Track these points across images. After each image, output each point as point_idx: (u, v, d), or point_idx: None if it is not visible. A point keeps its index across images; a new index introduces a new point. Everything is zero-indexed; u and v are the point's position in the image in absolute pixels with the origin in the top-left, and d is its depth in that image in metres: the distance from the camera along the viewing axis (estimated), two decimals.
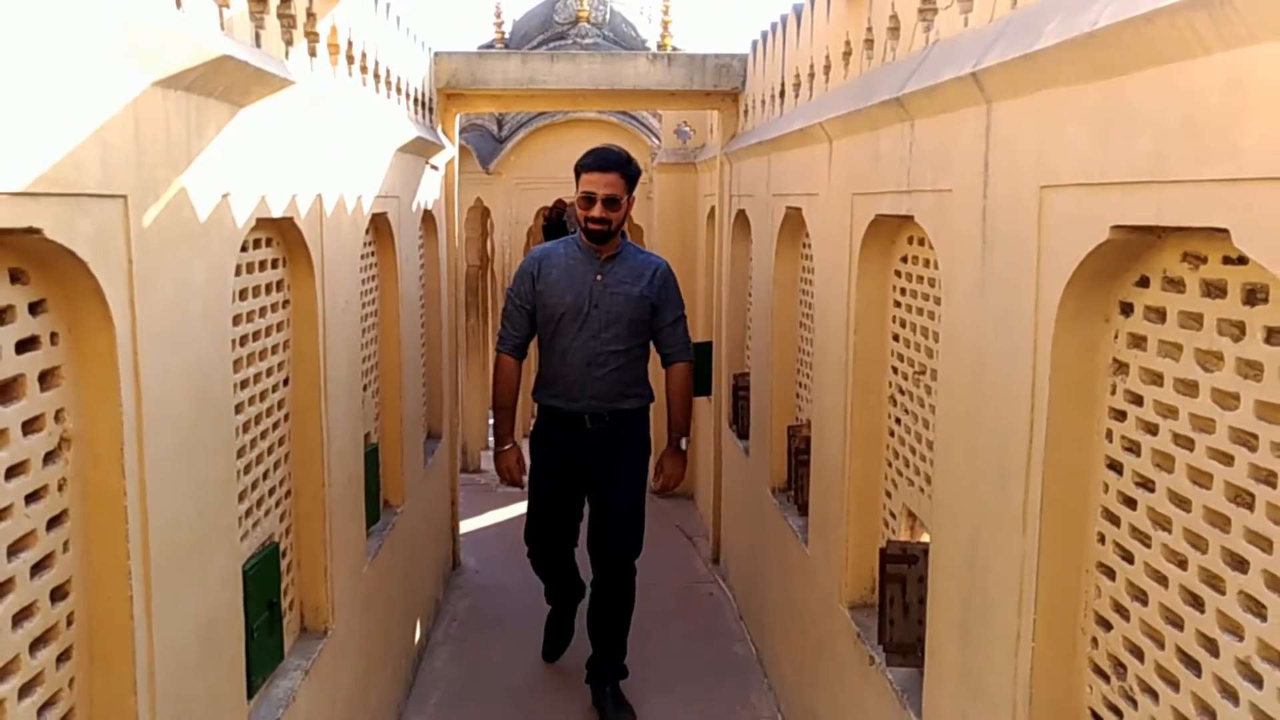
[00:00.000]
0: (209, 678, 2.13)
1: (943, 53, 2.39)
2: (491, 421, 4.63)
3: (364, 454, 3.71)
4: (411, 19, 4.75)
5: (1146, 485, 1.72)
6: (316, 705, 2.98)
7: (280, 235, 2.79)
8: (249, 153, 2.35)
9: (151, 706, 1.83)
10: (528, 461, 4.35)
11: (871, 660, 2.97)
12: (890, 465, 3.15)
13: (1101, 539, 1.86)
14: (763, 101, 4.97)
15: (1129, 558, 1.77)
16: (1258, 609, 1.43)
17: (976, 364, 2.22)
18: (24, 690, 1.54)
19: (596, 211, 3.98)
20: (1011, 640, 2.03)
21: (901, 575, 2.77)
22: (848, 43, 3.34)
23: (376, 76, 3.88)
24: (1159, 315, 1.68)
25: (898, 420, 3.08)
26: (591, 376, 4.06)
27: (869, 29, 3.09)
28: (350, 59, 3.42)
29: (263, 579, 2.64)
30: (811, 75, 3.88)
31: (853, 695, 3.21)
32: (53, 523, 1.62)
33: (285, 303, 2.89)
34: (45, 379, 1.60)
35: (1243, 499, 1.46)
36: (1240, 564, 1.47)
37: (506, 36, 8.56)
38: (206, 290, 2.11)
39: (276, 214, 2.58)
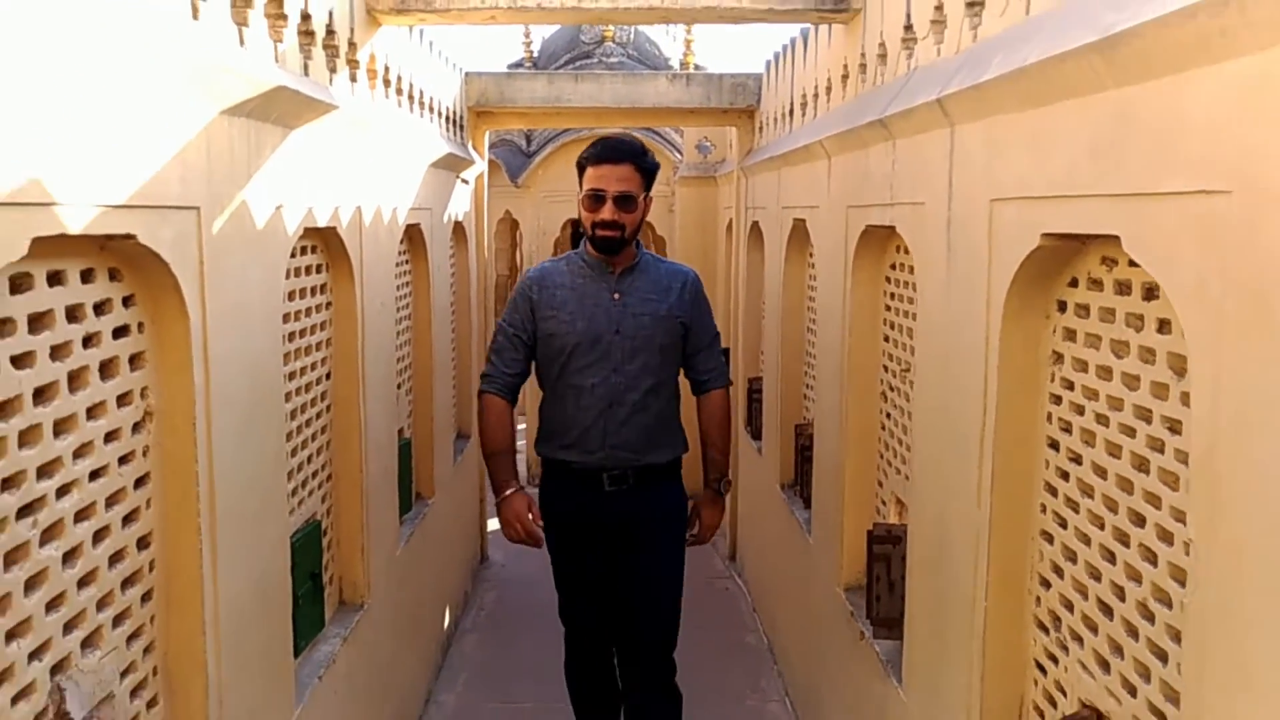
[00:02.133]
0: (262, 632, 2.43)
1: (919, 79, 2.66)
2: (486, 470, 3.55)
3: (398, 447, 4.01)
4: (444, 40, 5.07)
5: (1076, 459, 1.97)
6: (354, 670, 3.27)
7: (324, 243, 3.10)
8: (298, 169, 2.65)
9: (217, 649, 2.12)
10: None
11: (862, 635, 3.23)
12: (881, 457, 3.41)
13: (1044, 509, 2.12)
14: (775, 119, 5.24)
15: (1064, 524, 2.02)
16: (1152, 558, 1.68)
17: (944, 359, 2.48)
18: (117, 620, 1.84)
19: (606, 213, 3.09)
20: (969, 603, 2.28)
21: (887, 555, 3.02)
22: (845, 67, 3.61)
23: (411, 98, 4.19)
24: (1085, 311, 1.94)
25: (888, 415, 3.34)
26: (614, 421, 3.15)
27: (863, 55, 3.35)
28: (387, 83, 3.73)
29: (307, 552, 2.94)
30: (815, 95, 4.16)
31: (846, 669, 3.46)
32: (138, 483, 1.92)
33: (328, 304, 3.19)
34: (133, 361, 1.90)
35: (1143, 466, 1.72)
36: (1140, 520, 1.72)
37: (535, 55, 8.89)
38: (262, 290, 2.42)
39: (321, 224, 2.89)
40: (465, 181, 5.77)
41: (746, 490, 6.16)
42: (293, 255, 2.73)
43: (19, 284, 1.53)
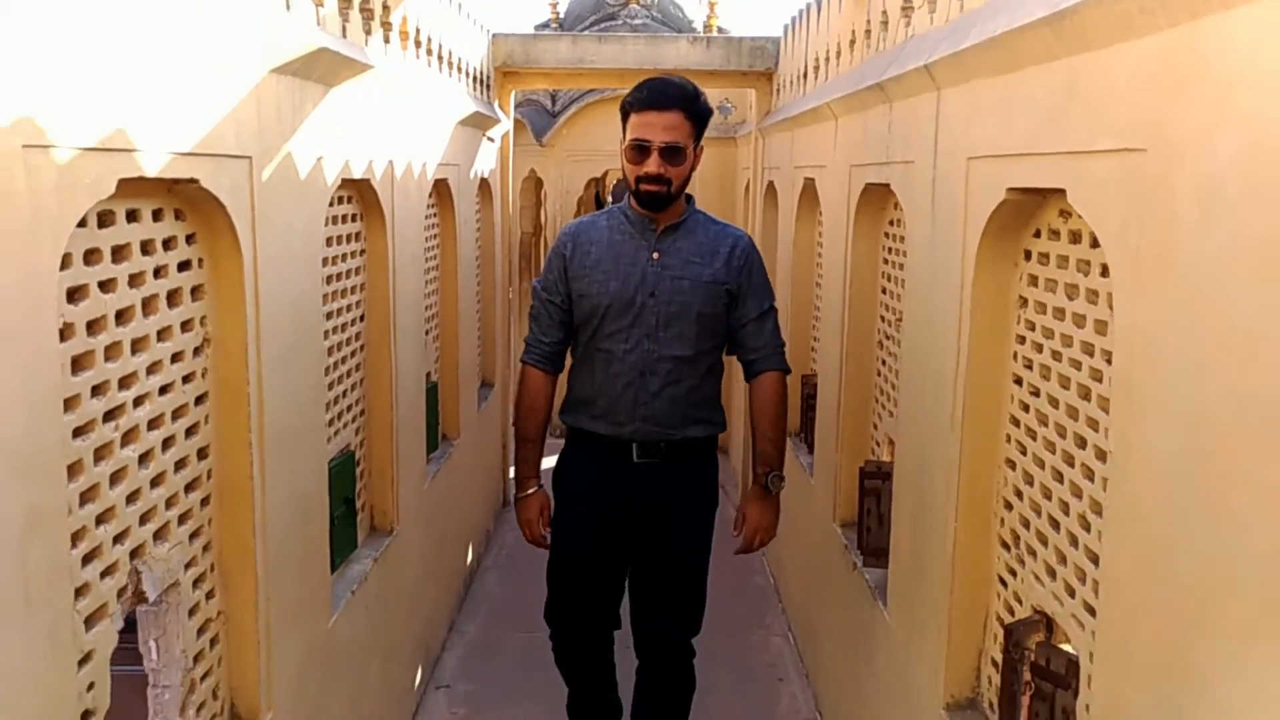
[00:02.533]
0: (303, 543, 2.69)
1: (913, 47, 2.85)
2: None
3: (425, 389, 4.26)
4: (473, 2, 5.27)
5: (1035, 393, 2.19)
6: (384, 590, 3.55)
7: (359, 194, 3.33)
8: (337, 125, 2.88)
9: (265, 553, 2.38)
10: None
11: (854, 566, 3.47)
12: (877, 400, 3.63)
13: (1008, 439, 2.34)
14: (790, 82, 5.42)
15: (1024, 451, 2.25)
16: (1090, 474, 1.90)
17: (927, 306, 2.69)
18: (181, 519, 2.10)
19: (652, 166, 2.77)
20: (943, 526, 2.51)
21: (877, 490, 3.26)
22: (853, 32, 3.79)
23: (440, 58, 4.41)
24: (1046, 259, 2.15)
25: (883, 362, 3.56)
26: (646, 391, 2.88)
27: (868, 21, 3.54)
28: (418, 44, 3.95)
29: (342, 478, 3.20)
30: (827, 60, 4.33)
31: (840, 597, 3.71)
32: (198, 400, 2.18)
33: (362, 251, 3.43)
34: (194, 292, 2.15)
35: (1086, 394, 1.93)
36: (1082, 443, 1.94)
37: (561, 16, 9.05)
38: (305, 234, 2.66)
39: (357, 175, 3.12)
40: (491, 140, 5.98)
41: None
42: (331, 204, 2.97)
43: (104, 219, 1.77)
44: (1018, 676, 2.15)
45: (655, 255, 2.90)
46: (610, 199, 9.91)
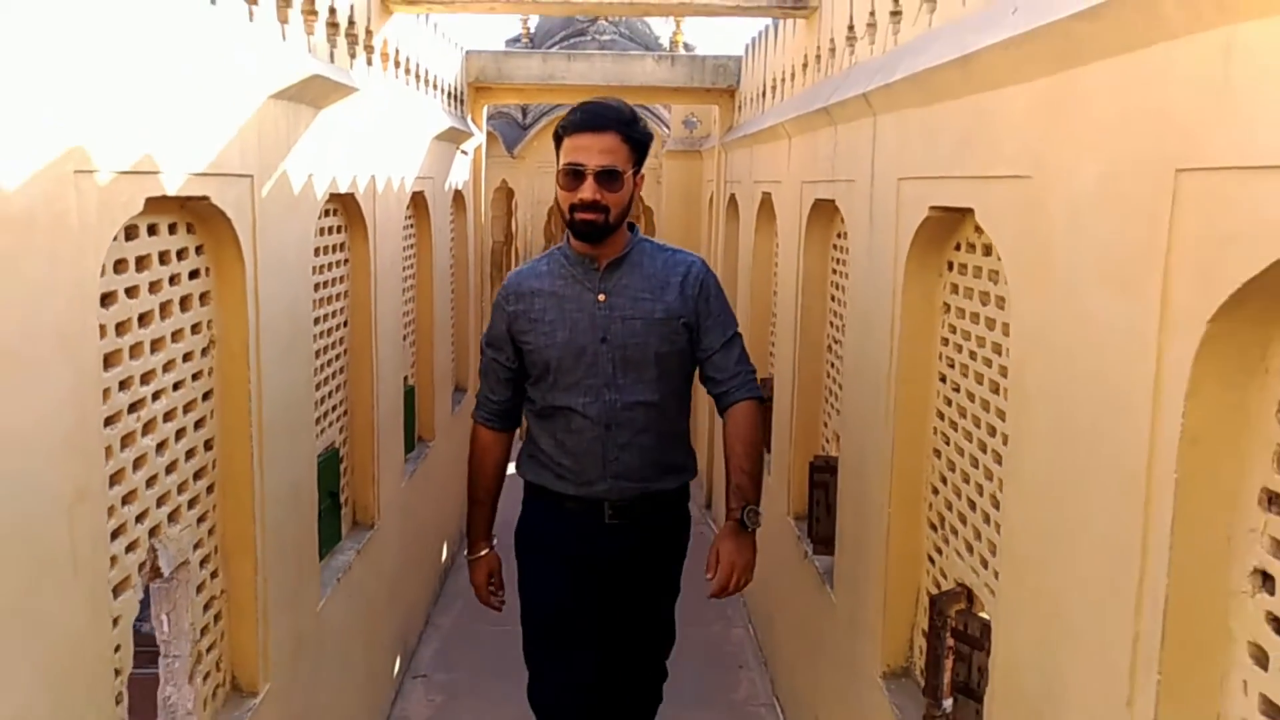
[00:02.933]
0: (295, 530, 2.92)
1: (855, 75, 3.13)
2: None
3: (404, 392, 4.49)
4: (447, 17, 5.50)
5: (956, 389, 2.46)
6: (366, 580, 3.77)
7: (344, 207, 3.57)
8: (325, 143, 3.11)
9: (263, 537, 2.61)
10: (509, 574, 2.95)
11: (805, 554, 3.74)
12: (825, 400, 3.91)
13: (934, 430, 2.61)
14: (751, 99, 5.70)
15: (947, 441, 2.52)
16: (998, 459, 2.17)
17: (865, 312, 2.97)
18: (190, 504, 2.33)
19: (587, 192, 2.56)
20: (879, 512, 2.78)
21: (825, 482, 3.52)
22: (805, 57, 4.07)
23: (417, 77, 4.65)
24: (964, 269, 2.42)
25: (832, 364, 3.83)
26: (614, 445, 2.67)
27: (819, 48, 3.82)
28: (397, 64, 4.19)
29: (327, 473, 3.43)
30: (783, 81, 4.62)
31: (794, 585, 3.97)
32: (205, 395, 2.40)
33: (346, 261, 3.67)
34: (203, 298, 2.37)
35: (995, 388, 2.21)
36: (992, 431, 2.22)
37: (532, 32, 9.31)
38: (298, 245, 2.89)
39: (343, 190, 3.36)
40: (465, 152, 6.22)
41: (720, 447, 6.66)
42: (320, 217, 3.20)
43: (130, 233, 2.00)
44: (941, 642, 2.41)
45: (601, 297, 2.67)
46: None
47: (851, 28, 3.30)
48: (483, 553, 2.96)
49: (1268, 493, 1.28)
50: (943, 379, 2.56)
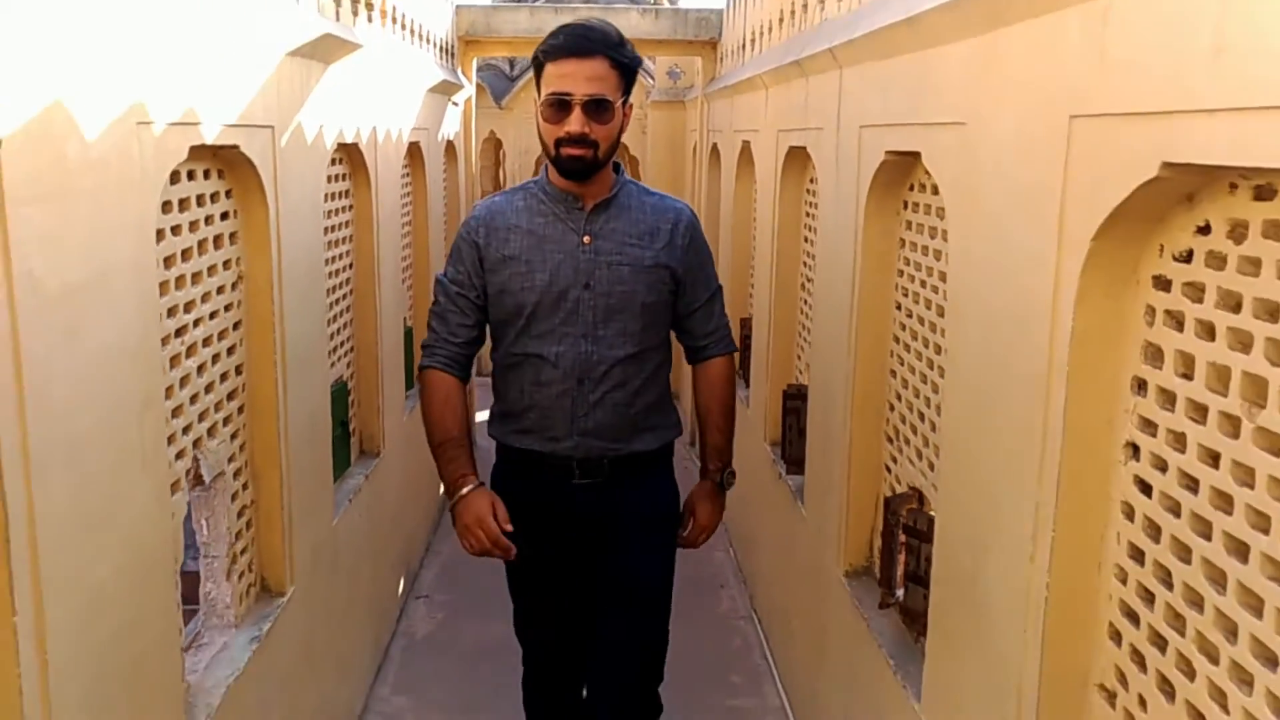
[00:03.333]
0: (312, 451, 3.20)
1: (824, 30, 3.38)
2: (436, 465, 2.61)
3: (403, 331, 4.76)
4: None
5: (910, 315, 2.75)
6: (372, 504, 4.07)
7: (349, 156, 3.81)
8: (332, 97, 3.35)
9: (287, 454, 2.89)
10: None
11: (779, 475, 4.05)
12: (799, 336, 4.20)
13: (891, 353, 2.91)
14: (732, 51, 5.93)
15: (901, 361, 2.82)
16: (941, 372, 2.47)
17: (831, 249, 3.25)
18: (225, 421, 2.61)
19: (575, 124, 2.35)
20: (841, 429, 3.08)
21: (797, 408, 3.83)
22: (781, 12, 4.30)
23: (412, 32, 4.86)
24: (917, 208, 2.70)
25: (805, 301, 4.12)
26: (585, 401, 2.47)
27: (793, 3, 4.05)
28: (394, 20, 4.41)
29: (338, 403, 3.71)
30: (761, 34, 4.85)
31: (769, 504, 4.30)
32: (235, 326, 2.68)
33: (350, 208, 3.92)
34: (232, 238, 2.64)
35: (941, 312, 2.50)
36: (938, 350, 2.51)
37: None
38: (312, 191, 3.14)
39: (348, 140, 3.60)
40: (455, 104, 6.44)
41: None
42: (329, 165, 3.45)
43: (174, 178, 2.26)
44: (895, 539, 2.73)
45: (587, 239, 2.46)
46: None
47: None
48: (469, 489, 2.49)
49: (1137, 380, 1.57)
50: (898, 307, 2.85)
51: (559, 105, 2.37)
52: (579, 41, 2.38)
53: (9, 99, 1.46)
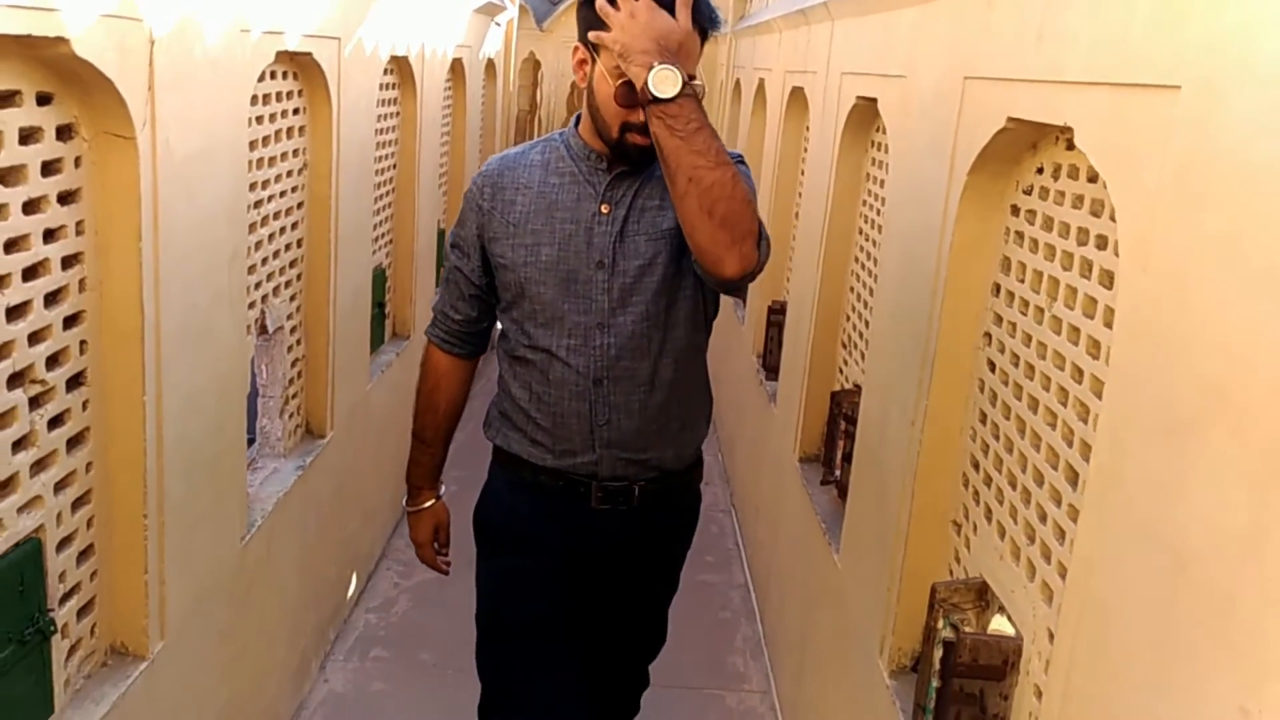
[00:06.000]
0: (355, 322, 3.74)
1: None
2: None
3: (436, 232, 5.27)
4: None
5: (867, 238, 3.23)
6: (400, 379, 4.62)
7: (399, 68, 4.29)
8: (388, 14, 3.82)
9: (335, 317, 3.43)
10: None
11: (760, 381, 4.57)
12: (786, 257, 4.68)
13: (851, 272, 3.39)
14: None
15: (858, 279, 3.30)
16: (871, 298, 2.96)
17: (813, 183, 3.72)
18: (286, 284, 3.13)
19: None
20: (806, 340, 3.58)
21: (779, 322, 4.33)
22: None
23: None
24: (878, 146, 3.16)
25: (793, 226, 4.59)
26: (604, 404, 2.06)
27: None
28: None
29: (377, 286, 4.24)
30: None
31: (750, 406, 4.83)
32: (299, 205, 3.19)
33: (397, 114, 4.40)
34: (301, 130, 3.13)
35: (877, 228, 2.98)
36: (873, 275, 3.00)
37: None
38: (367, 96, 3.64)
39: (399, 54, 4.08)
40: (498, 24, 6.86)
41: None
42: (381, 75, 3.93)
43: (261, 76, 2.75)
44: (836, 427, 3.24)
45: (605, 208, 2.02)
46: None
47: None
48: (427, 503, 2.39)
49: (995, 284, 2.06)
50: (860, 232, 3.33)
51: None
52: (668, 5, 1.84)
53: (161, 8, 1.95)
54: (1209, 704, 1.09)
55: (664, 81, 1.77)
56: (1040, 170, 1.90)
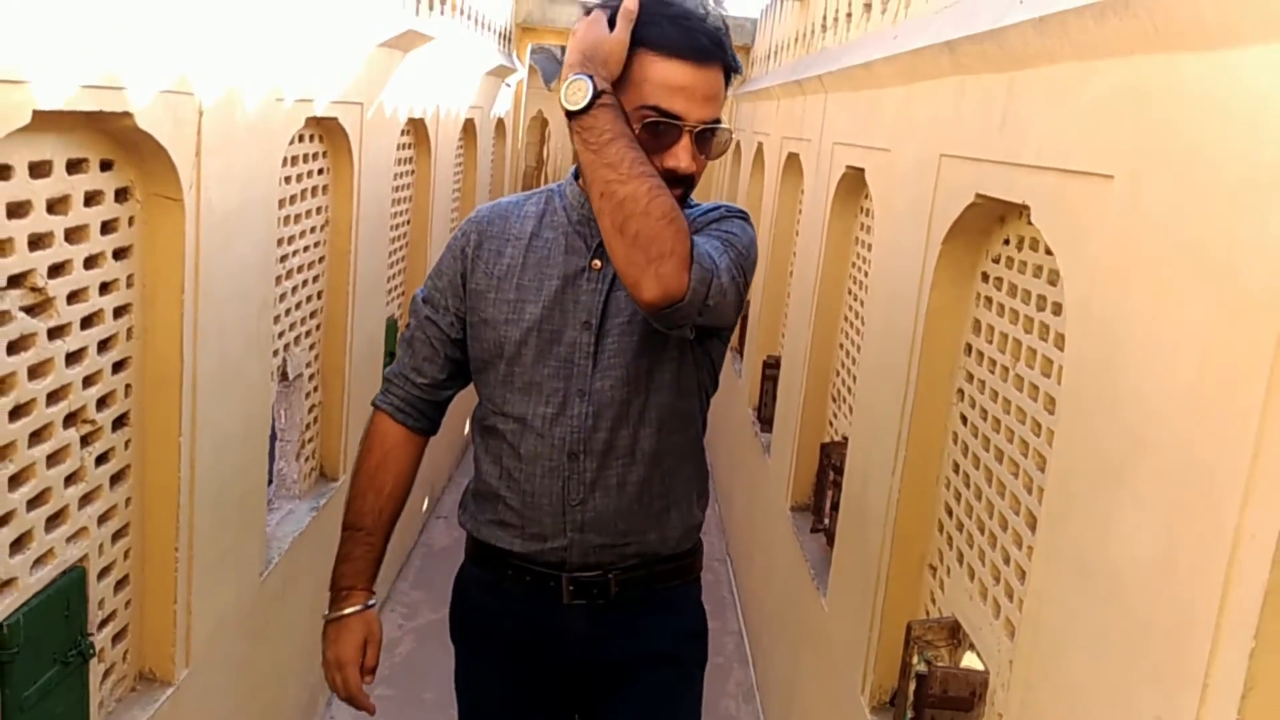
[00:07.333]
0: (369, 369, 3.91)
1: (818, 58, 4.03)
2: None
3: None
4: None
5: (855, 298, 3.42)
6: None
7: (415, 129, 4.51)
8: (406, 80, 4.05)
9: (351, 366, 3.60)
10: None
11: (756, 433, 4.73)
12: (782, 315, 4.87)
13: (841, 330, 3.58)
14: (760, 59, 6.58)
15: (846, 336, 3.48)
16: (858, 354, 3.14)
17: (807, 243, 3.91)
18: (307, 334, 3.31)
19: (684, 160, 1.65)
20: (799, 395, 3.75)
21: (774, 376, 4.50)
22: (796, 33, 4.95)
23: (476, 21, 5.55)
24: (866, 212, 3.36)
25: (790, 272, 4.78)
26: (580, 483, 1.79)
27: (809, 26, 4.70)
28: (462, 12, 5.10)
29: (390, 335, 4.42)
30: (780, 50, 5.50)
31: (745, 457, 4.98)
32: (320, 259, 3.38)
33: (412, 172, 4.62)
34: (324, 189, 3.34)
35: (865, 289, 3.16)
36: (860, 333, 3.18)
37: None
38: (386, 156, 3.85)
39: (416, 116, 4.30)
40: (508, 85, 7.13)
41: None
42: (398, 136, 4.15)
43: (291, 139, 2.96)
44: (826, 476, 3.40)
45: (596, 264, 1.79)
46: None
47: (823, 19, 4.20)
48: (350, 609, 1.92)
49: (967, 345, 2.24)
50: (850, 292, 3.51)
51: (662, 129, 1.63)
52: (699, 42, 1.64)
53: (210, 83, 2.16)
54: (1129, 718, 1.24)
55: (575, 92, 1.58)
56: (1007, 241, 2.08)
